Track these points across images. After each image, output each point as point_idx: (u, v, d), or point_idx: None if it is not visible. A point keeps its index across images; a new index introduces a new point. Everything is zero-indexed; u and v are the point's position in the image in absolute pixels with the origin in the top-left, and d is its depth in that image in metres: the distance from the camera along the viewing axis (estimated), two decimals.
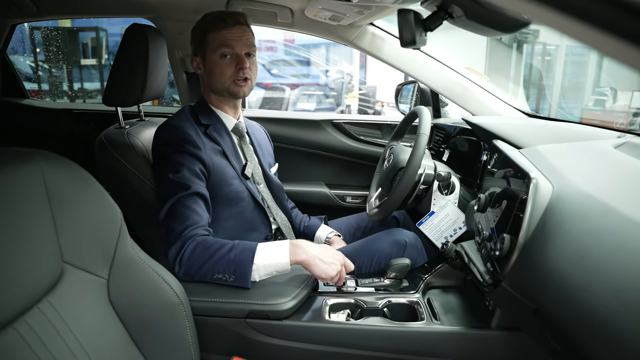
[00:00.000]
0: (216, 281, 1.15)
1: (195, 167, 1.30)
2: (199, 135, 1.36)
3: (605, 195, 0.78)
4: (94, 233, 0.90)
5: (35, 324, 0.76)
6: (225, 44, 1.34)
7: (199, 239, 1.18)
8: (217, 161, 1.37)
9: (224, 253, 1.14)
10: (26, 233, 0.78)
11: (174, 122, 1.37)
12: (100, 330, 0.89)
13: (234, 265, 1.13)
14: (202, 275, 1.15)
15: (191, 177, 1.28)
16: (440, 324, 1.14)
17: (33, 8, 1.76)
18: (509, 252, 0.92)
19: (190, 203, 1.24)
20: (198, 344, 1.04)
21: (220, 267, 1.14)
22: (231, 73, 1.37)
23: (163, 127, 1.38)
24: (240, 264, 1.13)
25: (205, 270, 1.15)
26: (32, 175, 0.82)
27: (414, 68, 1.74)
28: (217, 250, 1.15)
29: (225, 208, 1.39)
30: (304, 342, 1.13)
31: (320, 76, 8.45)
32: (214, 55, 1.36)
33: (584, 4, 0.32)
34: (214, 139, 1.39)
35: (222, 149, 1.40)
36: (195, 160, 1.30)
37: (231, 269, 1.14)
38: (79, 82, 6.42)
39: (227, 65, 1.36)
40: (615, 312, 0.64)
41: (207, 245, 1.16)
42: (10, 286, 0.73)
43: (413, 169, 1.33)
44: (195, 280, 1.15)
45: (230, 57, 1.36)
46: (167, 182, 1.28)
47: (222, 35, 1.34)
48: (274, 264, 1.15)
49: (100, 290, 0.91)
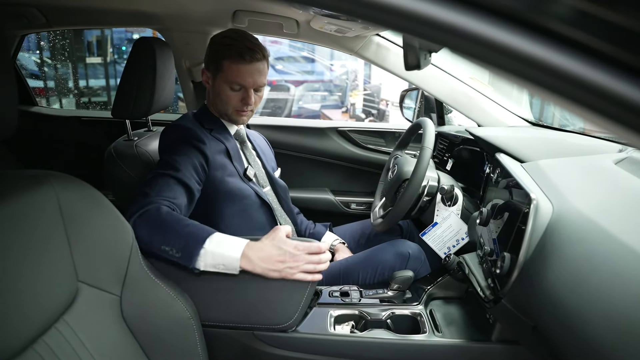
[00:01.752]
0: (162, 254, 1.06)
1: (195, 160, 1.29)
2: (205, 134, 1.39)
3: (603, 219, 0.80)
4: (107, 251, 0.93)
5: (54, 344, 0.79)
6: (237, 80, 1.36)
7: (163, 208, 1.11)
8: (219, 158, 1.39)
9: (180, 226, 1.08)
10: (43, 254, 0.81)
11: (178, 122, 1.41)
12: (115, 346, 0.92)
13: (184, 241, 1.06)
14: (151, 242, 1.06)
15: (187, 166, 1.26)
16: (442, 336, 1.17)
17: (42, 19, 1.79)
18: (509, 271, 0.95)
19: (174, 184, 1.21)
20: (207, 355, 1.07)
21: (171, 239, 1.06)
22: (235, 103, 1.40)
23: (167, 129, 1.40)
24: (191, 240, 1.06)
25: (157, 238, 1.06)
26: (47, 197, 0.84)
27: (418, 77, 1.76)
28: (175, 222, 1.08)
29: (228, 205, 1.39)
30: (309, 354, 1.16)
31: (324, 72, 8.43)
32: (224, 83, 1.38)
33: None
34: (219, 139, 1.42)
35: (226, 148, 1.42)
36: (197, 152, 1.31)
37: (181, 243, 1.06)
38: (84, 80, 6.47)
39: (234, 96, 1.39)
40: (607, 337, 0.66)
41: (168, 215, 1.09)
42: (31, 308, 0.76)
43: (417, 182, 1.35)
44: (145, 248, 1.04)
45: (239, 90, 1.39)
46: (160, 161, 1.28)
47: (237, 69, 1.35)
48: (223, 255, 1.06)
49: (113, 307, 0.94)
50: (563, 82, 0.34)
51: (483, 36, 0.34)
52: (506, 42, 0.34)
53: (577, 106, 0.35)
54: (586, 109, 0.35)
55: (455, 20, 0.34)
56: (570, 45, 0.33)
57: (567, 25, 0.32)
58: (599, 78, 0.33)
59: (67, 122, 2.36)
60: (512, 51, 0.34)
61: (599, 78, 0.33)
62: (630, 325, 0.64)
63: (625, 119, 0.33)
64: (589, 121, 0.36)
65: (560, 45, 0.33)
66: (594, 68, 0.33)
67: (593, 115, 0.35)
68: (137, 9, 1.76)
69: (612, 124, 0.34)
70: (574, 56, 0.33)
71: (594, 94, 0.33)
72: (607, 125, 0.35)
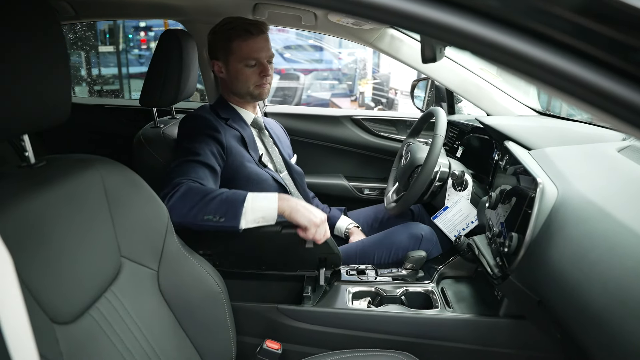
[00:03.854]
0: (205, 223, 1.16)
1: (213, 147, 1.37)
2: (220, 124, 1.46)
3: (603, 201, 0.87)
4: (145, 230, 1.01)
5: (105, 310, 0.88)
6: (252, 55, 1.43)
7: (191, 183, 1.21)
8: (235, 145, 1.45)
9: (216, 195, 1.18)
10: (92, 232, 0.89)
11: (195, 113, 1.48)
12: (154, 316, 1.01)
13: (225, 206, 1.17)
14: (193, 216, 1.16)
15: (206, 151, 1.34)
16: (452, 311, 1.25)
17: (72, 12, 1.87)
18: (516, 249, 1.02)
19: (197, 166, 1.29)
20: (235, 328, 1.16)
21: (212, 208, 1.16)
22: (255, 79, 1.46)
23: (185, 118, 1.48)
24: (232, 204, 1.17)
25: (197, 210, 1.16)
26: (94, 180, 0.92)
27: (431, 68, 1.82)
28: (209, 192, 1.19)
29: (248, 189, 1.43)
30: (329, 327, 1.25)
31: (333, 61, 8.43)
32: (239, 63, 1.44)
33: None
34: (234, 127, 1.49)
35: (241, 136, 1.49)
36: (214, 141, 1.38)
37: (223, 208, 1.16)
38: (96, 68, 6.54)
39: (252, 72, 1.45)
40: (605, 307, 0.74)
41: (199, 188, 1.20)
42: (86, 278, 0.85)
43: (429, 168, 1.43)
44: (185, 223, 1.16)
45: (255, 65, 1.45)
46: (181, 150, 1.36)
47: (248, 46, 1.42)
48: (262, 207, 1.19)
49: (152, 281, 1.02)
50: (564, 80, 0.42)
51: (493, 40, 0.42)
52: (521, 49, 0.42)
53: (578, 101, 0.43)
54: (586, 103, 0.42)
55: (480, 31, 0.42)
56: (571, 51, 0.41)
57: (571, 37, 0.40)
58: (596, 79, 0.41)
59: (90, 110, 2.45)
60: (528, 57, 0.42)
61: (596, 79, 0.41)
62: (625, 295, 0.72)
63: (612, 109, 0.41)
64: (584, 110, 0.44)
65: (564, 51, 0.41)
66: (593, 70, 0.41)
67: (589, 107, 0.43)
68: (161, 1, 1.83)
69: (603, 113, 0.42)
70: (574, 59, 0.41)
71: (592, 91, 0.41)
72: (598, 114, 0.43)
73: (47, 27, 0.77)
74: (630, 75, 0.39)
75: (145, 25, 6.81)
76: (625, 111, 0.40)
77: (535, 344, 1.17)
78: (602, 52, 0.39)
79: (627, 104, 0.40)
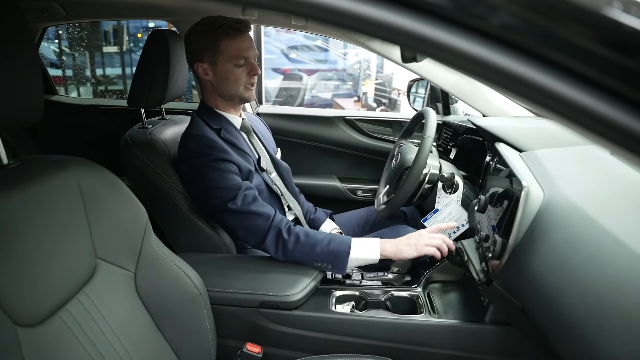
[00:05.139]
0: (315, 267, 1.31)
1: (231, 168, 1.37)
2: (219, 139, 1.42)
3: (590, 206, 0.84)
4: (123, 231, 1.00)
5: (76, 312, 0.87)
6: (241, 54, 1.39)
7: (295, 230, 1.32)
8: (239, 159, 1.42)
9: (323, 246, 1.29)
10: (66, 233, 0.88)
11: (195, 131, 1.43)
12: (130, 318, 0.99)
13: (332, 257, 1.29)
14: (302, 261, 1.31)
15: (235, 177, 1.36)
16: (438, 317, 1.22)
17: (62, 13, 1.87)
18: (500, 254, 1.00)
19: (250, 197, 1.35)
20: (215, 330, 1.14)
21: (320, 258, 1.29)
22: (245, 79, 1.43)
23: (186, 138, 1.44)
24: (337, 255, 1.29)
25: (307, 259, 1.30)
26: (69, 181, 0.91)
27: (423, 68, 1.80)
28: (317, 244, 1.29)
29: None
30: (311, 331, 1.23)
31: (337, 61, 8.41)
32: (228, 63, 1.39)
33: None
34: (229, 140, 1.45)
35: (239, 147, 1.46)
36: (228, 163, 1.37)
37: (329, 259, 1.29)
38: (101, 68, 6.57)
39: (241, 72, 1.41)
40: (582, 317, 0.71)
41: (307, 239, 1.30)
42: (57, 279, 0.83)
43: (417, 170, 1.40)
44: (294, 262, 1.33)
45: (244, 65, 1.41)
46: (216, 193, 1.35)
47: (236, 44, 1.38)
48: (365, 258, 1.30)
49: (128, 283, 1.01)
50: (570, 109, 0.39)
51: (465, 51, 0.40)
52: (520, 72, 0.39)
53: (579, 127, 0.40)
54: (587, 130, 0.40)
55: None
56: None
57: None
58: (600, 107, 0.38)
59: (85, 111, 2.45)
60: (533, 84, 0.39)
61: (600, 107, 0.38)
62: (602, 305, 0.69)
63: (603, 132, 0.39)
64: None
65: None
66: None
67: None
68: (152, 1, 1.82)
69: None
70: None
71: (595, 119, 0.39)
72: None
73: (17, 28, 0.76)
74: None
75: (155, 26, 6.83)
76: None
77: (521, 351, 1.15)
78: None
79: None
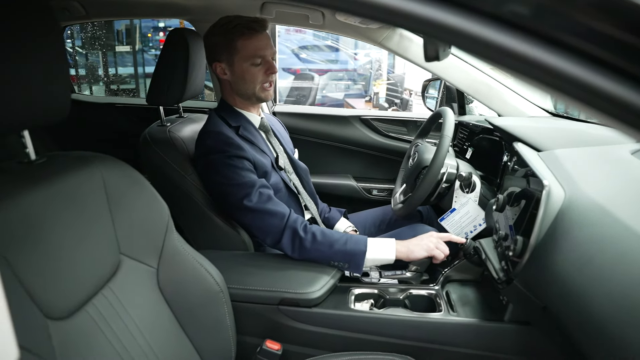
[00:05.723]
0: (331, 265, 1.33)
1: (247, 165, 1.38)
2: (236, 137, 1.43)
3: (612, 205, 0.84)
4: (145, 227, 1.01)
5: (102, 307, 0.88)
6: (257, 53, 1.40)
7: (312, 229, 1.33)
8: (256, 157, 1.43)
9: (341, 245, 1.31)
10: (91, 229, 0.89)
11: (212, 128, 1.44)
12: (152, 314, 1.01)
13: (348, 256, 1.31)
14: (318, 259, 1.33)
15: (250, 175, 1.37)
16: (456, 315, 1.22)
17: (82, 12, 1.90)
18: (521, 253, 1.00)
19: (266, 196, 1.36)
20: (235, 327, 1.15)
21: (337, 258, 1.31)
22: (262, 78, 1.43)
23: (204, 135, 1.45)
24: (354, 255, 1.31)
25: (324, 258, 1.32)
26: (94, 178, 0.93)
27: (440, 68, 1.80)
28: (334, 243, 1.31)
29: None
30: (330, 328, 1.23)
31: (348, 61, 8.40)
32: (245, 62, 1.40)
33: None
34: (247, 138, 1.46)
35: (257, 146, 1.47)
36: (243, 160, 1.37)
37: (346, 259, 1.31)
38: (113, 68, 6.64)
39: (258, 71, 1.42)
40: (608, 315, 0.71)
41: (324, 238, 1.32)
42: (82, 273, 0.85)
43: (436, 169, 1.40)
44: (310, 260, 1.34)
45: (261, 64, 1.42)
46: (232, 190, 1.36)
47: (252, 43, 1.39)
48: (381, 258, 1.33)
49: (151, 278, 1.02)
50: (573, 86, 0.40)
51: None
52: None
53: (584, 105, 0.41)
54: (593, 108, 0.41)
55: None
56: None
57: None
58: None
59: (102, 109, 2.48)
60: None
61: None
62: (629, 303, 0.69)
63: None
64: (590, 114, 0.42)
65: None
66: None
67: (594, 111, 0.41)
68: (170, 0, 1.84)
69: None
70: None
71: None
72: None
73: (47, 26, 0.77)
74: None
75: (164, 25, 6.89)
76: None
77: (540, 351, 1.14)
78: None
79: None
